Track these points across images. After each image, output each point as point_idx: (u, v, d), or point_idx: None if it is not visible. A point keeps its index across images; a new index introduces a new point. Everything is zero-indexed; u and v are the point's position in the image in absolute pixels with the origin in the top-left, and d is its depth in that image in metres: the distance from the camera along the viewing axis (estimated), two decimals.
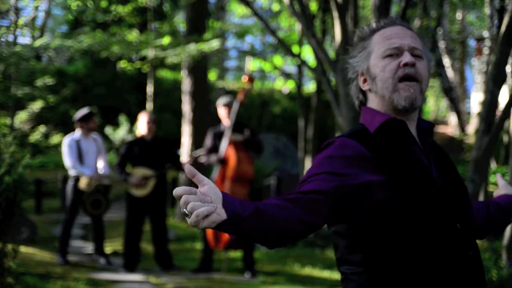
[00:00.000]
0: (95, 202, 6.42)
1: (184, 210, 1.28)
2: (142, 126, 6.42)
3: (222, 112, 6.22)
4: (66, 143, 6.50)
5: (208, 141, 6.22)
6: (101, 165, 6.62)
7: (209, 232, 6.05)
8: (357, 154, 1.48)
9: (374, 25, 1.61)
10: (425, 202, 1.48)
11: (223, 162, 5.98)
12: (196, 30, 9.64)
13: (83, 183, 6.37)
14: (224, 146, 6.00)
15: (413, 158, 1.51)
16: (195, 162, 6.39)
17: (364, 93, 1.62)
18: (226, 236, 5.91)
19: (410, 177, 1.48)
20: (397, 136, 1.53)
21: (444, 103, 18.34)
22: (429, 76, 1.59)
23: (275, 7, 13.91)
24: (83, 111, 6.65)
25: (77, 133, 6.53)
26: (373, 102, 1.59)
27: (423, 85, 1.55)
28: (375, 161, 1.47)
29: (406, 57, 1.53)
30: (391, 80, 1.53)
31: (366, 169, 1.47)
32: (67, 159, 6.43)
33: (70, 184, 6.48)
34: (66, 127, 14.43)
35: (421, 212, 1.47)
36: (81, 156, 6.46)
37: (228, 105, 6.20)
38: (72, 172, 6.47)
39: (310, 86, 18.42)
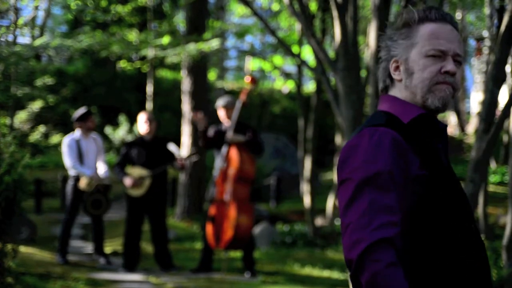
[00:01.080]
0: (95, 202, 6.42)
1: None
2: (141, 125, 6.42)
3: (221, 113, 6.22)
4: (66, 143, 6.50)
5: (211, 130, 6.20)
6: (100, 165, 6.61)
7: (209, 232, 6.05)
8: (401, 146, 1.45)
9: (423, 13, 1.53)
10: (455, 199, 1.49)
11: (226, 162, 5.96)
12: (196, 29, 9.64)
13: (83, 183, 6.37)
14: (226, 146, 6.00)
15: (439, 156, 1.52)
16: (190, 162, 6.39)
17: (391, 79, 1.58)
18: (227, 236, 5.91)
19: (441, 174, 1.48)
20: (428, 131, 1.53)
21: None
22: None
23: (275, 6, 13.90)
24: (81, 110, 6.64)
25: (77, 133, 6.53)
26: (400, 92, 1.56)
27: (456, 92, 1.54)
28: (413, 151, 1.46)
29: (449, 65, 1.50)
30: (428, 82, 1.51)
31: (410, 159, 1.45)
32: (67, 159, 6.42)
33: (70, 184, 6.47)
34: (66, 127, 14.42)
35: (451, 209, 1.47)
36: (81, 156, 6.46)
37: (227, 107, 6.19)
38: (72, 172, 6.46)
39: (310, 86, 18.41)
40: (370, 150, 1.43)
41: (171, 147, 6.40)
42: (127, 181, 6.17)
